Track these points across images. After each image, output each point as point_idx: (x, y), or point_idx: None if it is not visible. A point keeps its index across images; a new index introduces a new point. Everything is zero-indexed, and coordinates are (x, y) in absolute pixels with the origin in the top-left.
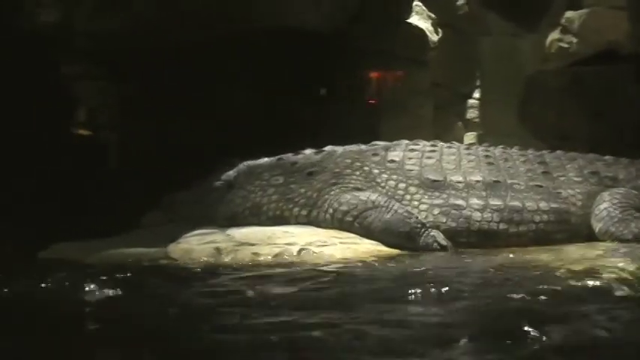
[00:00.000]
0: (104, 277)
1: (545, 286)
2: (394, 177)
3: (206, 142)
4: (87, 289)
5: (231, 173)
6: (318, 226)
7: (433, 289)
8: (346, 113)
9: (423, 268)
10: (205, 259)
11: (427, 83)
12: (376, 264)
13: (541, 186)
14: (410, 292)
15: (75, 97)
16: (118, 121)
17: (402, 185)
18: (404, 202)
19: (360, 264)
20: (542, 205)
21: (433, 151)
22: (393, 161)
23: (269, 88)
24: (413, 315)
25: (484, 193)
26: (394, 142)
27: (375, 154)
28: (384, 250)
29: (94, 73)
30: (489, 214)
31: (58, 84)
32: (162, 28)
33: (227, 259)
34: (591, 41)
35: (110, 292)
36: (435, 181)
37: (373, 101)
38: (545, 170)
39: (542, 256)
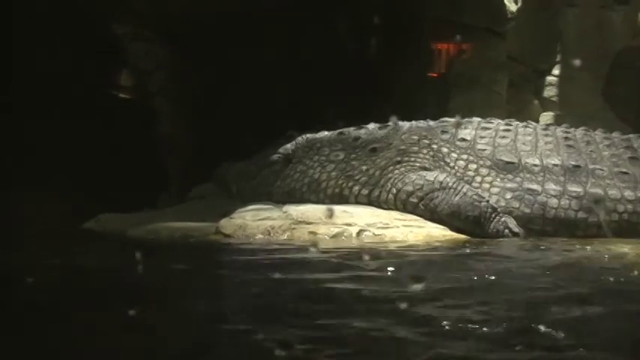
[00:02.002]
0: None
1: None
2: (464, 157)
3: (264, 109)
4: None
5: (289, 147)
6: (380, 206)
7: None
8: (414, 86)
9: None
10: (261, 236)
11: (503, 57)
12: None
13: (627, 173)
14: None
15: (125, 59)
16: (171, 85)
17: (472, 166)
18: (474, 184)
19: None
20: (628, 193)
21: (507, 130)
22: (463, 140)
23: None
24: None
25: (562, 178)
26: (465, 120)
27: (444, 132)
28: (450, 234)
29: (146, 35)
30: (567, 201)
31: (109, 44)
32: None
33: (283, 237)
34: None
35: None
36: (508, 162)
37: (435, 75)
38: (633, 156)
39: (625, 249)
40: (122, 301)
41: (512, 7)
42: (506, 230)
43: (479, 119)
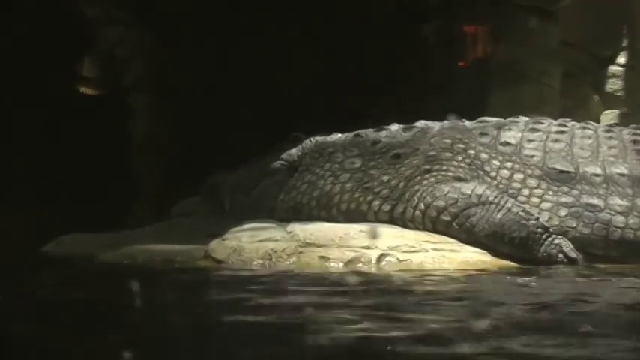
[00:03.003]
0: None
1: None
2: (508, 165)
3: (264, 107)
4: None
5: (295, 152)
6: (405, 225)
7: None
8: (446, 79)
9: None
10: (260, 261)
11: (555, 42)
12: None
13: None
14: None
15: (95, 46)
16: (150, 78)
17: (518, 176)
18: (520, 198)
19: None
20: None
21: (561, 132)
22: (507, 144)
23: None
24: None
25: (630, 192)
26: (509, 120)
27: (483, 134)
28: (491, 260)
29: (121, 17)
30: (636, 220)
31: (76, 27)
32: None
33: (288, 262)
34: None
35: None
36: (562, 172)
37: (470, 64)
38: None
39: None
40: None
41: None
42: (560, 255)
43: (526, 119)
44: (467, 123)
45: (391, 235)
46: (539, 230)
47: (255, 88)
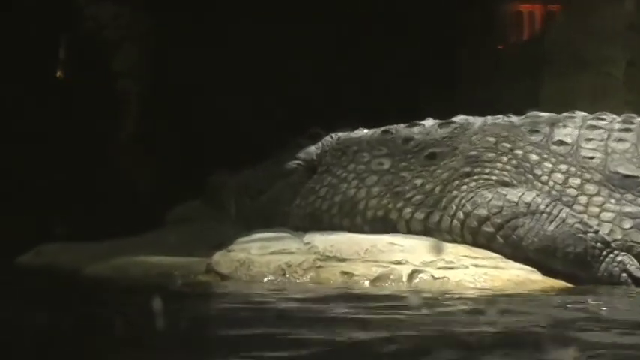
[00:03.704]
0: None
1: None
2: (562, 167)
3: (277, 99)
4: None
5: (314, 150)
6: (441, 237)
7: None
8: (488, 67)
9: None
10: (272, 277)
11: (621, 25)
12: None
13: None
14: None
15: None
16: (144, 64)
17: (574, 181)
18: (577, 207)
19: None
20: None
21: (626, 130)
22: (561, 143)
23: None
24: None
25: None
26: (564, 115)
27: (533, 132)
28: (541, 279)
29: None
30: None
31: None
32: None
33: (304, 278)
34: None
35: None
36: (627, 176)
37: (517, 49)
38: None
39: None
40: None
41: None
42: (624, 274)
43: (584, 114)
44: (514, 118)
45: (425, 248)
46: (599, 245)
47: (267, 77)
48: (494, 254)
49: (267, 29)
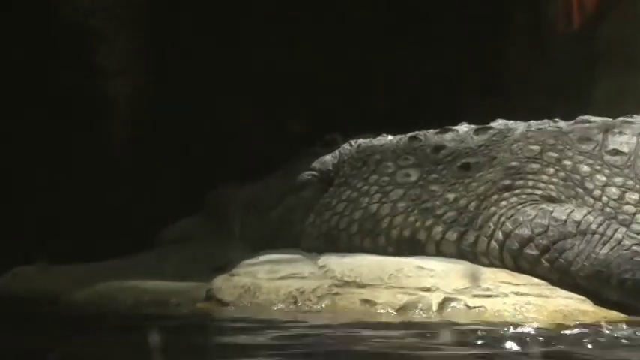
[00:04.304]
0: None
1: None
2: (618, 181)
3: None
4: None
5: (330, 160)
6: (476, 260)
7: None
8: (532, 63)
9: None
10: (281, 305)
11: None
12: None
13: None
14: None
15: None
16: (140, 60)
17: (632, 196)
18: (635, 226)
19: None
20: None
21: None
22: (617, 152)
23: None
24: None
25: None
26: (620, 120)
27: (584, 139)
28: (593, 310)
29: None
30: None
31: None
32: None
33: (318, 306)
34: None
35: None
36: None
37: (550, 44)
38: None
39: None
40: None
41: None
42: None
43: None
44: (561, 123)
45: (458, 274)
46: None
47: (281, 77)
48: (538, 281)
49: (283, 24)
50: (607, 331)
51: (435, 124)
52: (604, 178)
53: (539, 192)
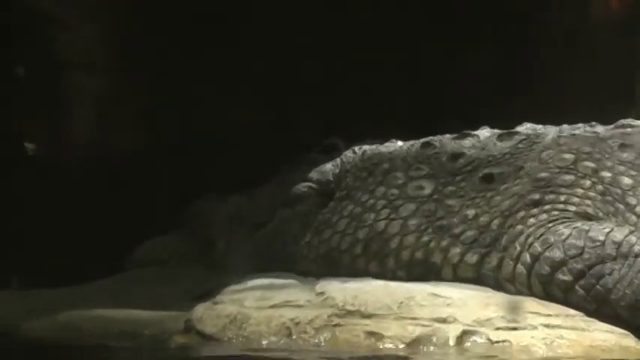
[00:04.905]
0: None
1: None
2: None
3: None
4: None
5: (330, 169)
6: (500, 286)
7: None
8: (565, 56)
9: None
10: (274, 338)
11: None
12: None
13: None
14: None
15: None
16: (106, 50)
17: None
18: None
19: None
20: None
21: None
22: None
23: None
24: None
25: None
26: None
27: (625, 147)
28: (634, 346)
29: None
30: None
31: None
32: None
33: (318, 340)
34: None
35: None
36: None
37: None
38: None
39: None
40: None
41: None
42: None
43: None
44: (599, 128)
45: (479, 302)
46: None
47: (277, 73)
48: (572, 311)
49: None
50: None
51: (452, 129)
52: None
53: (573, 208)
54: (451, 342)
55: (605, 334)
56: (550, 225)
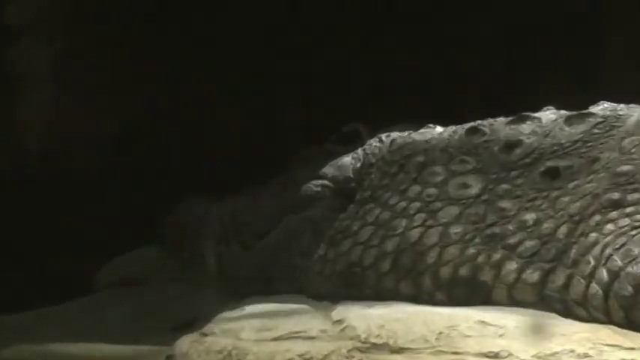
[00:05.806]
0: None
1: None
2: None
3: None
4: None
5: (349, 162)
6: (568, 311)
7: None
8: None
9: None
10: None
11: None
12: None
13: None
14: None
15: None
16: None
17: None
18: None
19: None
20: None
21: None
22: None
23: None
24: None
25: None
26: None
27: None
28: None
29: None
30: None
31: None
32: None
33: None
34: None
35: None
36: None
37: None
38: None
39: None
40: None
41: None
42: None
43: None
44: None
45: (540, 332)
46: None
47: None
48: None
49: None
50: None
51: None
52: None
53: None
54: None
55: None
56: (634, 233)
